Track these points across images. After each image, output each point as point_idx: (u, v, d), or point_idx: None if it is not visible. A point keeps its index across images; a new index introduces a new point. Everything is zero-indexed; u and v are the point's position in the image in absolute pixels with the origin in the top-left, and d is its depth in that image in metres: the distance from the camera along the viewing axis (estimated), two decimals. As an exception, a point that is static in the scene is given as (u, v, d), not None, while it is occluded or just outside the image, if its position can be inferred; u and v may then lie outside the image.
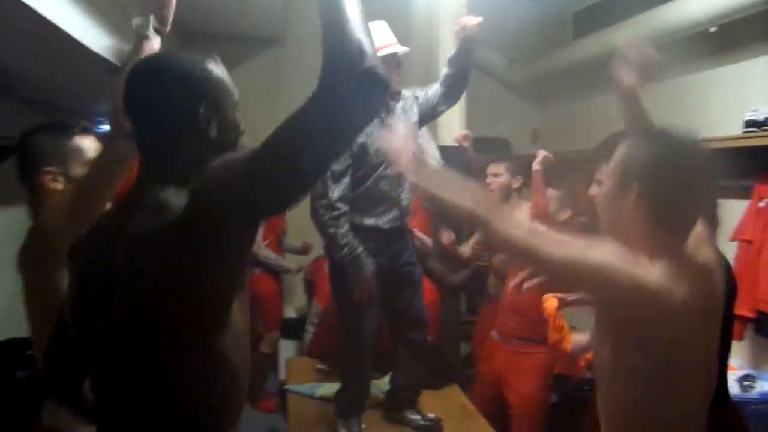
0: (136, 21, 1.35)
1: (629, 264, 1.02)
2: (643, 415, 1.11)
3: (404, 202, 2.24)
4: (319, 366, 2.90)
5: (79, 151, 1.49)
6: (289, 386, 2.67)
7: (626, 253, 1.04)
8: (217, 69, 0.98)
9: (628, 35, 3.35)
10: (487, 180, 2.89)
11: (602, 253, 1.04)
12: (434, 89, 2.33)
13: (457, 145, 3.14)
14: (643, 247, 1.06)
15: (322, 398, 2.50)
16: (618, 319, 1.09)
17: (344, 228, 2.09)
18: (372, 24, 2.16)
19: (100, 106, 2.82)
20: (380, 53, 2.07)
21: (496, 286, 2.99)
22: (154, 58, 0.98)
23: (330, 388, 2.45)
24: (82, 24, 1.97)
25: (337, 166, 2.09)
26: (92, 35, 2.04)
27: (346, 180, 2.11)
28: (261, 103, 4.69)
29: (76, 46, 1.95)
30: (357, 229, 2.15)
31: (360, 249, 2.10)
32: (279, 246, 3.89)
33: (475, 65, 4.57)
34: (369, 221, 2.18)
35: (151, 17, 1.35)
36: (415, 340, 2.34)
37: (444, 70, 2.33)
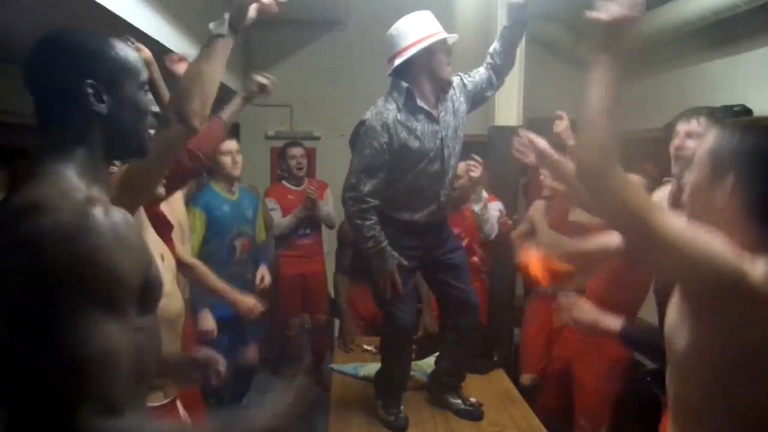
0: (213, 23, 1.34)
1: (734, 256, 0.98)
2: (720, 412, 1.05)
3: (442, 198, 2.19)
4: (366, 347, 2.93)
5: None
6: (333, 365, 2.72)
7: (731, 245, 0.99)
8: (116, 48, 0.97)
9: (703, 5, 3.09)
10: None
11: (711, 239, 1.00)
12: (480, 74, 2.25)
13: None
14: (739, 240, 1.01)
15: (364, 378, 2.52)
16: (709, 309, 1.03)
17: (371, 221, 2.08)
18: (417, 14, 2.10)
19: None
20: (427, 42, 2.02)
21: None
22: (52, 32, 0.96)
23: (372, 368, 2.46)
24: (154, 21, 2.06)
25: (374, 161, 2.06)
26: (166, 33, 2.13)
27: (382, 175, 2.08)
28: (324, 84, 4.79)
29: (153, 44, 2.05)
30: (392, 221, 2.13)
31: (385, 243, 2.08)
32: None
33: (540, 42, 4.42)
34: (405, 216, 2.16)
35: (226, 16, 1.33)
36: (462, 325, 2.28)
37: (492, 47, 2.24)
